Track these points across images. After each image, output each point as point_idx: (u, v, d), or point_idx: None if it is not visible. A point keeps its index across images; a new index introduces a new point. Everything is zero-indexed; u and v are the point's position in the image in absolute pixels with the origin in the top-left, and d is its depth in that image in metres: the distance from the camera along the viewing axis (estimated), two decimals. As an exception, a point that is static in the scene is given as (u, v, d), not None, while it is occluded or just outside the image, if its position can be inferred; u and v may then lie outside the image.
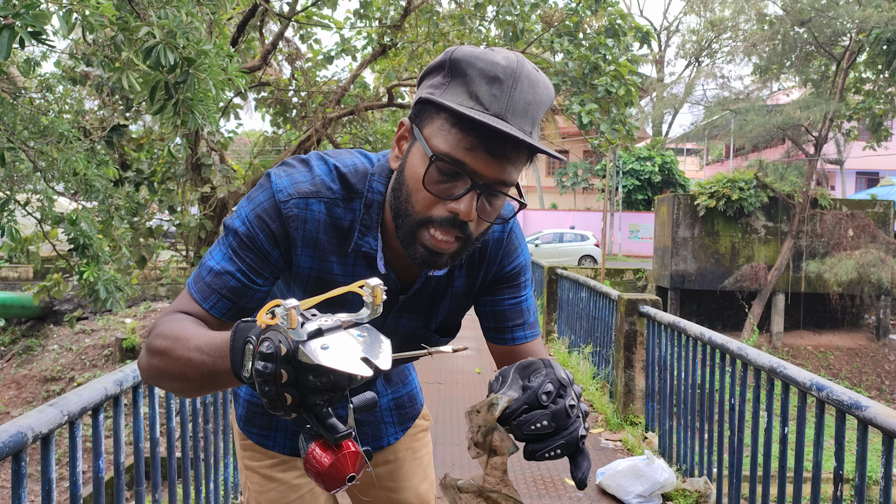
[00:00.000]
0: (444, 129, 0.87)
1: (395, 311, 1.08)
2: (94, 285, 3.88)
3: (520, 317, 1.13)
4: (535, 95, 0.88)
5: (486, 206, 0.90)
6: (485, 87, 0.86)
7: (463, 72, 0.87)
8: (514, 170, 0.89)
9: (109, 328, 14.05)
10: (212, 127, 5.00)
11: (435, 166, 0.87)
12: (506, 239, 1.09)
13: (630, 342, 4.52)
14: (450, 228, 0.89)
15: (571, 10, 7.55)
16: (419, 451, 1.40)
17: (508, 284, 1.12)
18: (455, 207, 0.87)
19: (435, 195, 0.88)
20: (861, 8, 13.05)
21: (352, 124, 9.32)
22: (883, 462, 1.92)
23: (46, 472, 1.62)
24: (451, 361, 6.88)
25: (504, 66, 0.87)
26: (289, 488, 1.27)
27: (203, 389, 0.87)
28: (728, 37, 18.54)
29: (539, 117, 0.90)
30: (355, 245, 1.00)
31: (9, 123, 3.71)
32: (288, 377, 0.68)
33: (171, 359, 0.86)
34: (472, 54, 0.88)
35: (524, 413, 0.78)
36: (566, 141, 29.89)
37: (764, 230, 14.87)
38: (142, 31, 2.47)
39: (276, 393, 0.68)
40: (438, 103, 0.86)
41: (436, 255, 0.91)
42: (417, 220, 0.90)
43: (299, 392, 0.69)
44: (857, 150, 22.35)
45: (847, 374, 13.98)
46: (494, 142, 0.85)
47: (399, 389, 1.37)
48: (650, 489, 3.25)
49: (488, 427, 0.79)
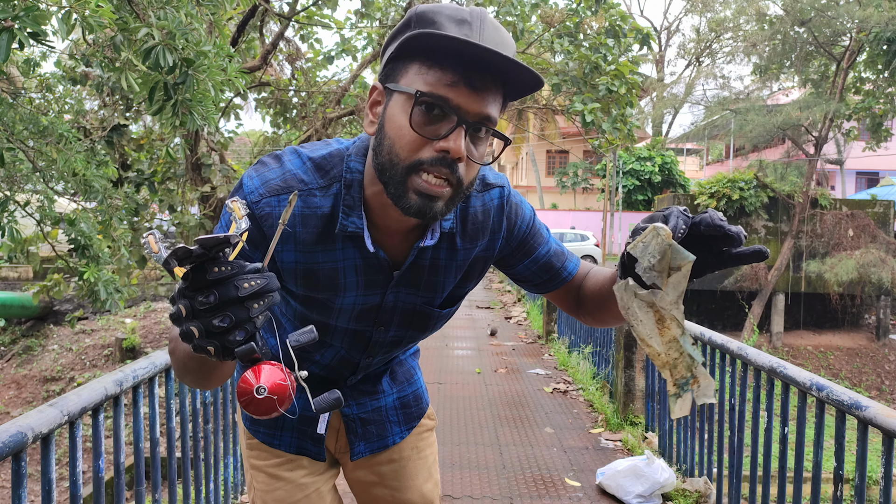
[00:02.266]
0: (421, 72, 0.87)
1: (392, 288, 1.08)
2: (94, 286, 3.89)
3: (561, 255, 1.16)
4: (502, 37, 0.90)
5: (472, 147, 0.90)
6: (455, 29, 0.87)
7: (431, 21, 0.88)
8: (494, 105, 0.89)
9: (109, 328, 14.06)
10: (211, 127, 5.00)
11: (419, 106, 0.87)
12: (506, 203, 1.10)
13: (630, 342, 4.52)
14: (441, 169, 0.88)
15: (572, 11, 7.55)
16: (424, 451, 1.39)
17: (533, 239, 1.13)
18: (444, 145, 0.86)
19: (422, 136, 0.87)
20: (861, 8, 13.05)
21: (352, 124, 9.32)
22: (883, 462, 1.92)
23: (46, 472, 1.62)
24: (451, 361, 6.88)
25: (469, 11, 0.89)
26: (295, 487, 1.27)
27: (207, 374, 0.89)
28: (728, 37, 18.54)
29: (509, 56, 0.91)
30: (340, 226, 0.99)
31: (9, 123, 3.71)
32: (184, 310, 0.68)
33: (175, 356, 0.91)
34: (434, 6, 0.90)
35: (689, 227, 0.83)
36: (566, 141, 29.89)
37: (764, 230, 14.87)
38: (141, 31, 2.47)
39: (185, 330, 0.68)
40: (417, 45, 0.86)
41: (430, 200, 0.89)
42: (407, 167, 0.88)
43: (201, 321, 0.68)
44: (857, 150, 22.36)
45: (847, 374, 13.98)
46: (474, 74, 0.86)
47: (405, 388, 1.36)
48: (650, 489, 3.26)
49: (664, 248, 0.86)
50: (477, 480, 3.58)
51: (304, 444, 1.27)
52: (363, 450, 1.30)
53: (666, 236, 0.85)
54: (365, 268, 1.04)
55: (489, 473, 3.69)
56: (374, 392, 1.30)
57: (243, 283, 0.68)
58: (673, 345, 0.94)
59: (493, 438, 4.30)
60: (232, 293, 0.68)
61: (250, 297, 0.69)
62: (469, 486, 3.50)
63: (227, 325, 0.67)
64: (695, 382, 0.96)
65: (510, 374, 6.29)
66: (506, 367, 6.60)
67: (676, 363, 0.95)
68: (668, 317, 0.91)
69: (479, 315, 10.91)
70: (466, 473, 3.68)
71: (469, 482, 3.55)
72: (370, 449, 1.31)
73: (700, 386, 0.96)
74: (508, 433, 4.42)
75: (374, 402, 1.30)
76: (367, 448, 1.30)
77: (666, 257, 0.86)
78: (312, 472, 1.29)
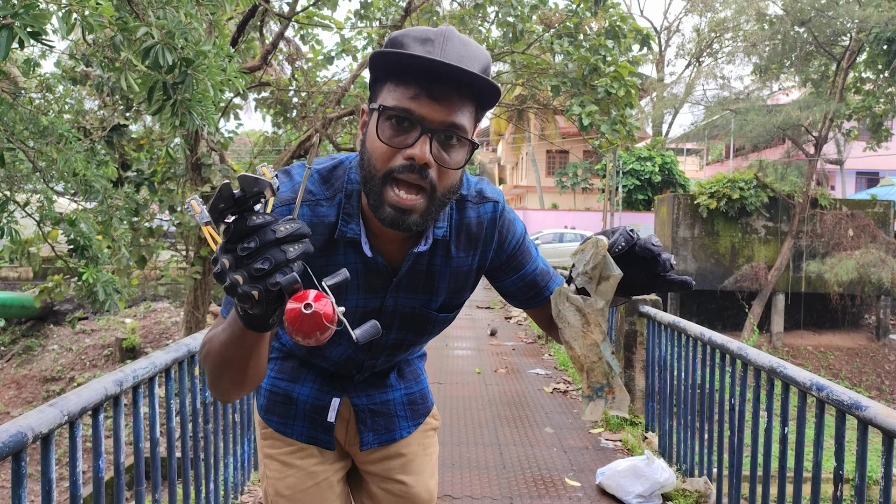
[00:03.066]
0: (390, 89, 0.96)
1: (392, 292, 1.15)
2: (93, 287, 3.88)
3: (546, 274, 1.25)
4: (468, 51, 0.98)
5: (442, 154, 0.97)
6: (419, 47, 0.96)
7: (399, 43, 0.98)
8: (460, 114, 0.96)
9: (109, 328, 14.06)
10: (211, 127, 4.98)
11: (385, 119, 0.96)
12: (499, 218, 1.18)
13: (630, 342, 4.52)
14: (410, 178, 0.95)
15: (571, 12, 7.55)
16: (429, 448, 1.45)
17: (522, 255, 1.22)
18: (410, 152, 0.94)
19: (392, 146, 0.95)
20: (861, 8, 13.05)
21: (352, 124, 9.32)
22: (883, 462, 1.92)
23: (46, 472, 1.62)
24: (451, 362, 6.88)
25: (435, 31, 0.98)
26: (306, 475, 1.33)
27: (245, 361, 0.93)
28: (729, 37, 18.53)
29: (476, 69, 0.97)
30: (339, 232, 1.07)
31: (9, 123, 3.71)
32: (228, 263, 0.75)
33: (212, 354, 0.96)
34: (405, 31, 0.99)
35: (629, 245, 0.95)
36: (566, 141, 29.89)
37: (764, 230, 14.87)
38: (140, 31, 2.47)
39: (230, 282, 0.75)
40: (379, 53, 0.94)
41: (403, 213, 0.97)
42: (381, 177, 0.97)
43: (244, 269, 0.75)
44: (857, 150, 22.36)
45: (847, 374, 13.98)
46: (434, 87, 0.93)
47: (412, 386, 1.43)
48: (650, 489, 3.25)
49: (597, 258, 0.96)
50: (477, 480, 3.58)
51: (315, 433, 1.33)
52: (372, 440, 1.36)
53: (602, 247, 0.96)
54: (366, 272, 1.11)
55: (489, 473, 3.69)
56: (383, 386, 1.37)
57: (279, 226, 0.76)
58: (593, 349, 1.03)
59: (493, 438, 4.30)
60: (270, 236, 0.75)
61: (287, 240, 0.76)
62: (469, 486, 3.50)
63: (267, 266, 0.74)
64: (609, 392, 1.04)
65: (510, 374, 6.29)
66: (506, 367, 6.60)
67: (594, 367, 1.03)
68: (593, 322, 1.00)
69: (479, 315, 10.91)
70: (466, 473, 3.68)
71: (469, 482, 3.55)
72: (378, 441, 1.37)
73: (615, 398, 1.04)
74: (508, 433, 4.42)
75: (382, 395, 1.37)
76: (376, 440, 1.36)
77: (599, 266, 0.96)
78: (323, 462, 1.34)
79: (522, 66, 8.26)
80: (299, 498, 1.32)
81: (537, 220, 26.53)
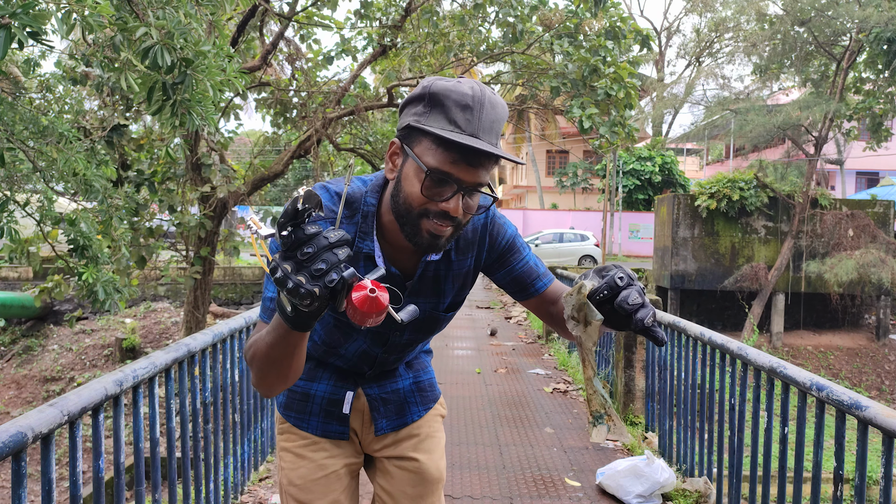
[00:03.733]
0: (431, 148, 1.12)
1: (406, 297, 1.31)
2: (93, 287, 3.88)
3: (533, 272, 1.40)
4: (497, 114, 1.15)
5: (468, 202, 1.16)
6: (460, 115, 1.12)
7: (441, 103, 1.13)
8: (486, 174, 1.15)
9: (109, 328, 14.06)
10: (211, 127, 4.99)
11: (429, 178, 1.12)
12: (489, 223, 1.35)
13: (630, 342, 4.52)
14: (444, 220, 1.14)
15: (571, 12, 7.54)
16: (438, 432, 1.59)
17: (511, 254, 1.38)
18: (446, 207, 1.13)
19: (429, 199, 1.13)
20: (861, 8, 13.05)
21: (352, 124, 9.31)
22: (883, 462, 1.92)
23: (46, 472, 1.63)
24: (451, 362, 6.88)
25: (472, 96, 1.13)
26: (317, 466, 1.46)
27: (289, 358, 1.09)
28: (729, 37, 18.53)
29: (500, 130, 1.16)
30: (356, 248, 1.25)
31: (9, 123, 3.71)
32: (290, 268, 0.89)
33: (259, 355, 1.11)
34: (445, 87, 1.13)
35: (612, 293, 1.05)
36: (566, 141, 29.89)
37: (764, 230, 14.86)
38: (139, 31, 2.47)
39: (293, 283, 0.88)
40: (427, 130, 1.11)
41: (436, 238, 1.16)
42: (418, 213, 1.15)
43: (305, 271, 0.89)
44: (857, 150, 22.35)
45: (847, 374, 13.98)
46: (471, 156, 1.11)
47: (420, 375, 1.58)
48: (650, 489, 3.25)
49: (580, 303, 1.06)
50: (477, 480, 3.58)
51: (330, 426, 1.48)
52: (385, 426, 1.51)
53: (583, 295, 1.05)
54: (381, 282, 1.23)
55: (489, 473, 3.69)
56: (393, 376, 1.52)
57: (330, 233, 0.91)
58: (588, 383, 1.12)
59: (493, 438, 4.30)
60: (324, 242, 0.90)
61: (337, 245, 0.91)
62: (469, 486, 3.50)
63: (325, 266, 0.89)
64: (609, 420, 1.13)
65: (510, 374, 6.29)
66: (506, 367, 6.60)
67: (591, 398, 1.13)
68: (586, 359, 1.10)
69: (479, 315, 10.91)
70: (466, 473, 3.68)
71: (469, 482, 3.55)
72: (392, 426, 1.51)
73: (615, 425, 1.14)
74: (508, 433, 4.42)
75: (392, 385, 1.52)
76: (389, 425, 1.51)
77: (583, 311, 1.06)
78: (333, 455, 1.48)
79: (522, 67, 8.26)
80: (309, 487, 1.45)
81: (537, 220, 26.51)
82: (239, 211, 19.66)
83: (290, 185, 30.81)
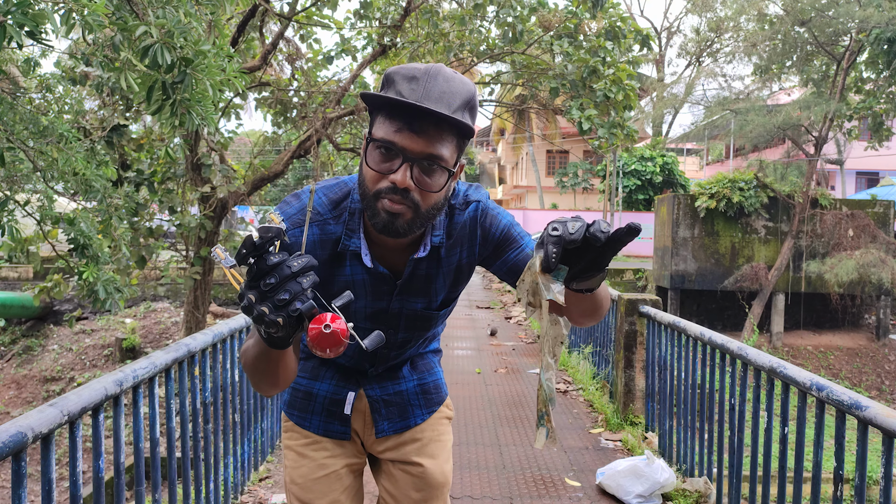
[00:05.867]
0: (380, 122, 1.12)
1: (397, 296, 1.30)
2: (94, 286, 3.88)
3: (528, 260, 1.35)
4: (451, 87, 1.11)
5: (423, 179, 1.12)
6: (405, 85, 1.10)
7: (391, 80, 1.12)
8: (440, 145, 1.10)
9: (109, 328, 14.05)
10: (211, 127, 4.97)
11: (373, 148, 1.12)
12: (480, 215, 1.31)
13: (630, 342, 4.52)
14: (394, 196, 1.11)
15: (570, 13, 7.53)
16: (443, 435, 1.56)
17: (507, 243, 1.32)
18: (393, 178, 1.10)
19: (378, 172, 1.12)
20: (861, 8, 13.05)
21: (352, 124, 9.31)
22: (883, 462, 1.92)
23: (46, 472, 1.62)
24: (451, 362, 6.88)
25: (422, 69, 1.11)
26: (317, 465, 1.46)
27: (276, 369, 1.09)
28: (729, 37, 18.53)
29: (456, 104, 1.11)
30: (342, 246, 1.24)
31: (9, 123, 3.71)
32: (254, 298, 0.90)
33: (248, 365, 1.12)
34: (398, 67, 1.12)
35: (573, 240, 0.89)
36: (567, 141, 29.88)
37: (764, 230, 14.86)
38: (139, 30, 2.47)
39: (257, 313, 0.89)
40: (370, 98, 1.11)
41: (393, 217, 1.12)
42: (372, 194, 1.13)
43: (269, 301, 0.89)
44: (857, 150, 22.35)
45: (847, 374, 13.97)
46: (415, 122, 1.08)
47: (425, 377, 1.55)
48: (650, 489, 3.25)
49: (534, 284, 0.96)
50: (477, 480, 3.58)
51: (331, 425, 1.47)
52: (387, 428, 1.49)
53: (534, 273, 0.94)
54: (371, 281, 1.27)
55: (489, 473, 3.69)
56: (396, 378, 1.50)
57: (293, 262, 0.90)
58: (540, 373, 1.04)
59: (493, 438, 4.30)
60: (286, 272, 0.89)
61: (300, 273, 0.90)
62: (469, 486, 3.50)
63: (288, 297, 0.88)
64: (549, 421, 1.04)
65: (510, 374, 6.29)
66: (506, 367, 6.60)
67: (538, 393, 1.05)
68: (543, 347, 1.02)
69: (479, 315, 10.91)
70: (466, 473, 3.68)
71: (469, 482, 3.55)
72: (393, 428, 1.49)
73: (552, 430, 1.05)
74: (508, 433, 4.42)
75: (395, 387, 1.50)
76: (391, 427, 1.49)
77: (539, 293, 0.95)
78: (334, 455, 1.47)
79: (522, 67, 8.25)
80: (309, 486, 1.45)
81: (537, 220, 26.51)
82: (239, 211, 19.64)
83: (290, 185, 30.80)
